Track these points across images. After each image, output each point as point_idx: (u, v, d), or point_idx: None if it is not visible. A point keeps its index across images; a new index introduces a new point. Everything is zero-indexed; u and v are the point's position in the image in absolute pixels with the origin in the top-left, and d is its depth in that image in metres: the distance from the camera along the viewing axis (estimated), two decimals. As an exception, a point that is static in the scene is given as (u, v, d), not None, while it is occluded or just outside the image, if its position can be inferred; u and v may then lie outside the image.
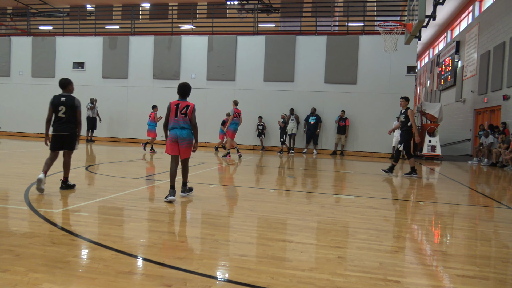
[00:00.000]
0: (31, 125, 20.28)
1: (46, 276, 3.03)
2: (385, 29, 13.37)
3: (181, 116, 5.99)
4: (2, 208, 5.22)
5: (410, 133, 10.15)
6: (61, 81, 6.62)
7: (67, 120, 6.38)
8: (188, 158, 6.20)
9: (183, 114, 5.99)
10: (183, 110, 6.00)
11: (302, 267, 3.45)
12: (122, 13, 26.18)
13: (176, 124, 6.02)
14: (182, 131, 6.01)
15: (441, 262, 3.79)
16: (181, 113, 5.99)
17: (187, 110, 6.00)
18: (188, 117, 6.00)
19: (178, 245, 4.00)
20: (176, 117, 6.01)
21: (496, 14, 17.42)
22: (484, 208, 6.91)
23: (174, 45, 18.71)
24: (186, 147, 6.04)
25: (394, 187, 9.19)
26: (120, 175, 8.87)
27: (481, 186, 9.92)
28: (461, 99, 21.99)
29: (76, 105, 6.49)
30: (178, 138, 6.00)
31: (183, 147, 6.03)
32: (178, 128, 6.01)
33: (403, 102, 10.25)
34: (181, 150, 6.05)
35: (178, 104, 6.07)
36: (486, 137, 15.40)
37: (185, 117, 5.99)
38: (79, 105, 6.55)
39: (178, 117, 6.00)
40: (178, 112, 6.00)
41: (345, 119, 16.86)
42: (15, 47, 20.59)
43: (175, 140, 6.02)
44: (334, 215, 5.61)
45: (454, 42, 23.25)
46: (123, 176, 8.81)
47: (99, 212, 5.24)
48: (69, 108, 6.38)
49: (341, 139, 17.00)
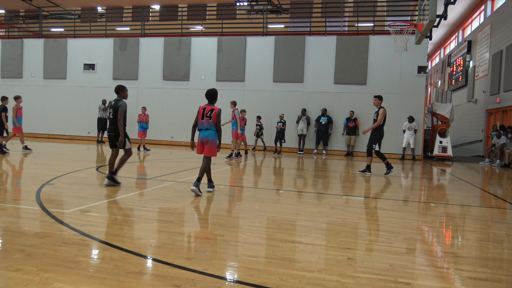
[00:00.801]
0: (43, 126, 20.53)
1: (57, 276, 3.06)
2: (396, 29, 13.26)
3: (206, 119, 6.63)
4: (14, 208, 5.29)
5: (381, 132, 10.14)
6: (115, 88, 7.24)
7: (113, 121, 7.01)
8: (210, 157, 6.76)
9: (208, 117, 6.62)
10: (208, 113, 6.63)
11: (311, 268, 3.43)
12: (132, 14, 26.34)
13: (201, 126, 6.68)
14: (206, 132, 6.64)
15: (453, 264, 3.75)
16: (206, 116, 6.63)
17: (211, 113, 6.62)
18: (213, 120, 6.61)
19: (187, 246, 4.01)
20: (202, 119, 6.67)
21: (509, 13, 17.20)
22: (496, 209, 6.82)
23: (183, 46, 18.79)
24: (209, 147, 6.65)
25: (404, 188, 9.11)
26: (130, 176, 8.93)
27: (493, 188, 9.79)
28: (472, 100, 21.75)
29: (117, 106, 6.98)
30: (203, 139, 6.65)
31: (207, 147, 6.66)
32: (203, 129, 6.67)
33: (376, 101, 10.19)
34: (205, 149, 6.68)
35: (205, 108, 6.71)
36: (498, 137, 15.20)
37: (209, 120, 6.62)
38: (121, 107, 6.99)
39: (204, 120, 6.65)
40: (204, 115, 6.65)
41: (355, 119, 16.75)
42: (27, 49, 20.85)
43: (200, 141, 6.70)
44: (344, 216, 5.59)
45: (466, 42, 23.01)
46: (133, 177, 8.87)
47: (109, 212, 5.28)
48: (114, 110, 6.98)
49: (351, 140, 16.88)
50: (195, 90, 18.38)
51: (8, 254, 3.48)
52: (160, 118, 18.65)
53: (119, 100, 7.03)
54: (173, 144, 18.74)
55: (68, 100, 20.10)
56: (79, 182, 7.36)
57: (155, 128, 18.88)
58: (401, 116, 16.48)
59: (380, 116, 9.95)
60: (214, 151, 6.71)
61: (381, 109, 10.05)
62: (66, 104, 20.13)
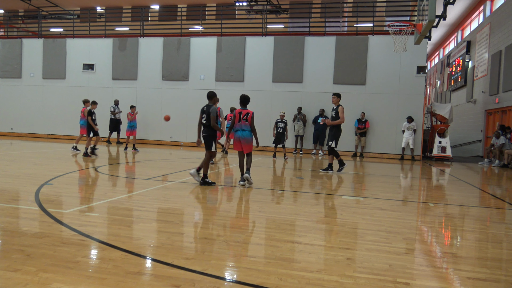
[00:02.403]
0: (43, 126, 20.52)
1: (56, 276, 3.06)
2: (395, 29, 13.27)
3: (243, 121, 7.71)
4: (13, 209, 5.28)
5: (340, 130, 10.07)
6: (208, 94, 7.87)
7: (207, 125, 7.68)
8: (250, 152, 7.86)
9: (244, 120, 7.71)
10: (244, 116, 7.72)
11: (310, 269, 3.43)
12: (131, 15, 26.33)
13: (239, 127, 7.75)
14: (243, 132, 7.74)
15: (452, 264, 3.75)
16: (242, 118, 7.72)
17: (247, 116, 7.71)
18: (248, 121, 7.70)
19: (186, 246, 4.01)
20: (239, 121, 7.74)
21: (508, 13, 17.22)
22: (496, 210, 6.82)
23: (183, 46, 18.79)
24: (247, 144, 7.77)
25: (403, 188, 9.12)
26: (129, 176, 8.94)
27: (492, 188, 9.80)
28: (471, 100, 21.77)
29: (209, 112, 7.61)
30: (241, 138, 7.74)
31: (245, 144, 7.76)
32: (240, 130, 7.75)
33: (334, 98, 10.10)
34: (243, 147, 7.78)
35: (241, 112, 7.78)
36: (497, 138, 15.22)
37: (246, 121, 7.71)
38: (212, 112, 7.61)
39: (241, 122, 7.73)
40: (241, 118, 7.74)
41: (365, 121, 16.69)
42: (27, 49, 20.84)
43: (238, 140, 7.79)
44: (343, 216, 5.59)
45: (465, 42, 23.03)
46: (132, 177, 8.87)
47: (109, 212, 5.27)
48: (207, 115, 7.64)
49: (361, 141, 16.81)
50: (194, 90, 18.39)
51: (7, 254, 3.48)
52: (159, 118, 18.62)
53: (210, 106, 7.64)
54: (172, 144, 18.74)
55: (67, 100, 20.08)
56: (78, 183, 7.35)
57: (154, 128, 18.89)
58: (400, 116, 16.50)
59: (343, 114, 9.89)
60: (251, 147, 7.92)
61: (340, 107, 9.93)
62: (65, 104, 20.11)
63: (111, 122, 17.79)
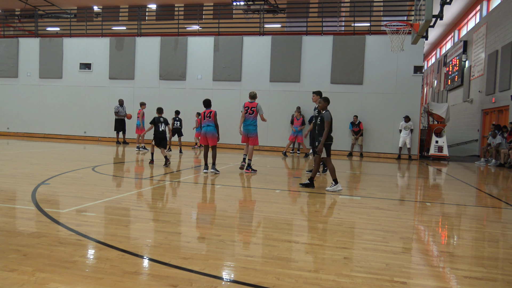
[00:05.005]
0: (39, 125, 20.45)
1: (53, 276, 3.05)
2: (392, 29, 13.30)
3: (207, 118, 9.15)
4: (10, 208, 5.27)
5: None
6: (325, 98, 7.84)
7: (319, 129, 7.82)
8: (215, 145, 9.27)
9: (208, 117, 9.13)
10: (208, 114, 9.19)
11: (308, 268, 3.44)
12: (128, 14, 26.29)
13: (204, 124, 9.17)
14: (207, 127, 9.13)
15: (448, 264, 3.77)
16: (206, 116, 9.14)
17: (210, 114, 9.17)
18: (212, 118, 9.12)
19: (184, 246, 4.01)
20: (204, 119, 9.15)
21: (504, 13, 17.28)
22: (492, 209, 6.85)
23: (180, 46, 18.76)
24: (211, 138, 9.19)
25: (400, 187, 9.14)
26: (128, 176, 8.92)
27: (489, 187, 9.84)
28: (468, 99, 21.84)
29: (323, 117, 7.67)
30: (206, 133, 9.11)
31: (209, 138, 9.20)
32: (205, 126, 9.15)
33: (314, 97, 9.61)
34: (209, 140, 9.22)
35: (205, 112, 9.25)
36: (494, 137, 15.27)
37: (209, 118, 9.14)
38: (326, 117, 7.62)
39: (205, 119, 9.15)
40: (205, 116, 9.14)
41: (359, 123, 16.68)
42: (23, 48, 20.76)
43: (204, 134, 9.16)
44: (340, 215, 5.60)
45: (462, 42, 23.10)
46: (130, 176, 8.86)
47: (106, 212, 5.26)
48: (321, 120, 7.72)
49: (358, 139, 16.81)
50: (192, 90, 18.37)
51: (4, 254, 3.47)
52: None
53: (326, 111, 7.62)
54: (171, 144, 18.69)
55: (64, 99, 20.03)
56: (75, 182, 7.33)
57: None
58: (397, 116, 16.53)
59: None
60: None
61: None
62: (62, 104, 20.06)
63: (116, 122, 17.75)
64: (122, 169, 10.26)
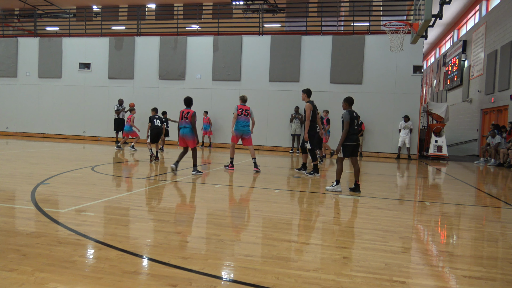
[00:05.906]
0: (38, 125, 20.44)
1: (52, 276, 3.05)
2: (391, 28, 13.30)
3: (184, 119, 8.85)
4: (9, 208, 5.26)
5: (312, 129, 9.43)
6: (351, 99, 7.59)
7: None
8: (194, 147, 9.01)
9: (185, 118, 8.83)
10: (185, 115, 8.86)
11: (307, 268, 3.44)
12: (128, 14, 26.27)
13: (181, 125, 8.87)
14: (184, 129, 8.87)
15: (448, 263, 3.77)
16: (184, 117, 8.85)
17: (188, 115, 8.84)
18: (189, 119, 8.79)
19: (183, 245, 4.01)
20: (181, 119, 8.85)
21: (504, 13, 17.30)
22: (491, 208, 6.86)
23: (179, 45, 18.75)
24: (189, 140, 8.90)
25: (400, 187, 9.14)
26: (126, 175, 8.92)
27: (488, 187, 9.85)
28: (467, 99, 21.85)
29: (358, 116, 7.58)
30: (183, 135, 8.86)
31: (188, 140, 8.91)
32: (182, 127, 8.88)
33: (302, 95, 9.64)
34: (187, 142, 8.94)
35: (183, 111, 8.97)
36: (493, 137, 15.29)
37: (186, 119, 8.80)
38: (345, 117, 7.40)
39: (182, 120, 8.86)
40: (183, 117, 8.87)
41: (360, 124, 16.63)
42: (22, 48, 20.74)
43: (182, 137, 8.91)
44: (340, 215, 5.60)
45: (461, 42, 23.11)
46: (129, 176, 8.85)
47: (105, 212, 5.26)
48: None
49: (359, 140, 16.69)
50: (191, 90, 18.34)
51: (3, 254, 3.46)
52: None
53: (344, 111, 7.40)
54: (168, 144, 18.69)
55: (63, 99, 20.02)
56: (74, 182, 7.33)
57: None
58: (397, 116, 16.54)
59: (308, 112, 9.39)
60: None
61: (306, 104, 9.50)
62: (61, 103, 20.05)
63: (115, 122, 17.69)
64: (121, 169, 10.26)
